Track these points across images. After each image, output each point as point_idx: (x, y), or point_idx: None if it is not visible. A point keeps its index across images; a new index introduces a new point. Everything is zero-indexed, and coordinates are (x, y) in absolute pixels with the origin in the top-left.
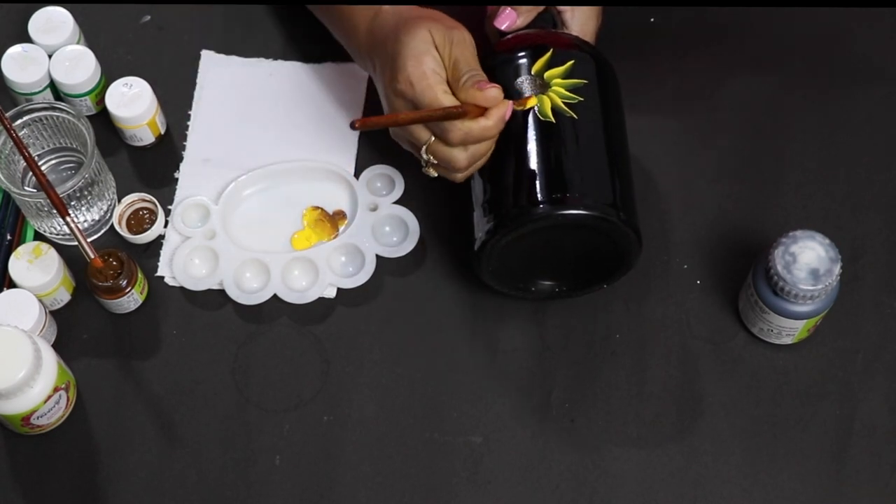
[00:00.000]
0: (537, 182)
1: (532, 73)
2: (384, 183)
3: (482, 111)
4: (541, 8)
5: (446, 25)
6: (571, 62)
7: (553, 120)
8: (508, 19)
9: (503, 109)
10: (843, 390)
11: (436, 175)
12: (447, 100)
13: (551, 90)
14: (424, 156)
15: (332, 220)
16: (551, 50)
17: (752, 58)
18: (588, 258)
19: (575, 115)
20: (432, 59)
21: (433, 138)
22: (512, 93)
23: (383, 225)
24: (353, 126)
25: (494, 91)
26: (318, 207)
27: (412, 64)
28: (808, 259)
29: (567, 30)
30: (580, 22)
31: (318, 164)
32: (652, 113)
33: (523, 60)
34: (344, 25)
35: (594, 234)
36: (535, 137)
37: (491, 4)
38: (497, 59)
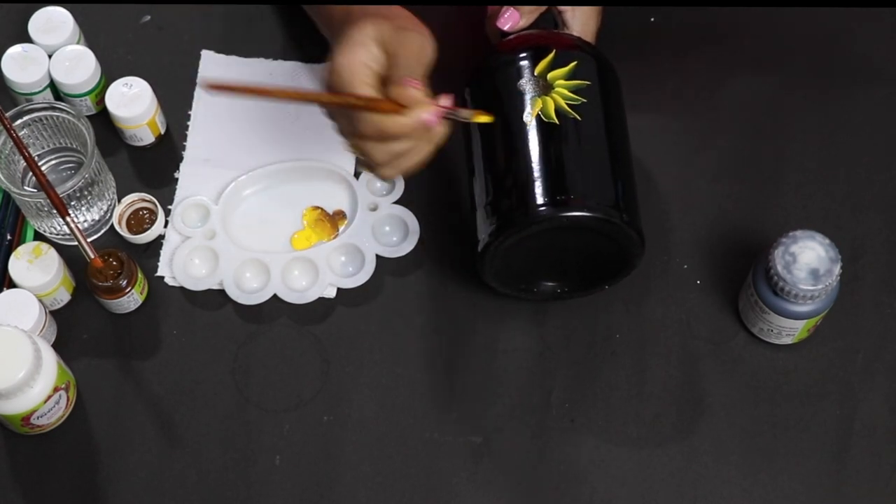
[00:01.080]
0: (541, 184)
1: (535, 74)
2: (384, 183)
3: (400, 108)
4: (543, 8)
5: (396, 24)
6: (574, 63)
7: (556, 121)
8: (511, 20)
9: (424, 111)
10: (843, 390)
11: (362, 170)
12: (365, 92)
13: (554, 91)
14: (347, 148)
15: (332, 220)
16: (554, 51)
17: (752, 58)
18: (591, 259)
19: (578, 117)
20: (367, 52)
21: (354, 130)
22: (513, 94)
23: (383, 225)
24: (208, 89)
25: (413, 91)
26: (317, 207)
27: (343, 53)
28: (808, 259)
29: (568, 30)
30: (581, 22)
31: (318, 164)
32: (652, 113)
33: (525, 62)
34: (331, 25)
35: (597, 236)
36: (538, 139)
37: (492, 4)
38: (499, 61)
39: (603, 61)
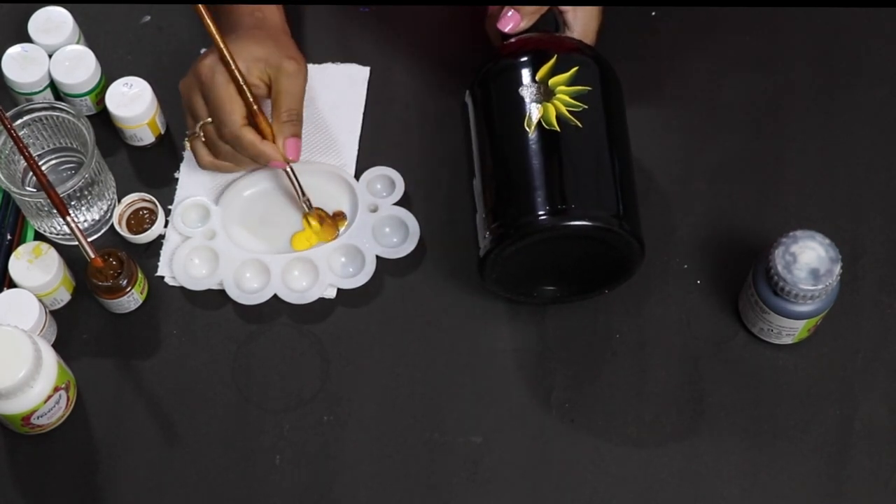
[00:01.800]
0: (542, 192)
1: (536, 80)
2: (384, 184)
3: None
4: (544, 9)
5: (284, 54)
6: (575, 68)
7: (558, 129)
8: (512, 21)
9: (276, 155)
10: (843, 390)
11: (186, 149)
12: (240, 118)
13: (556, 98)
14: (195, 128)
15: (333, 220)
16: (555, 56)
17: (752, 58)
18: (591, 266)
19: (580, 124)
20: (241, 64)
21: (209, 120)
22: (515, 100)
23: (383, 226)
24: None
25: (292, 145)
26: (318, 208)
27: (241, 64)
28: (808, 259)
29: (569, 30)
30: (582, 22)
31: (319, 166)
32: (652, 113)
33: (527, 67)
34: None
35: (597, 244)
36: (539, 147)
37: (492, 5)
38: (500, 65)
39: (604, 65)
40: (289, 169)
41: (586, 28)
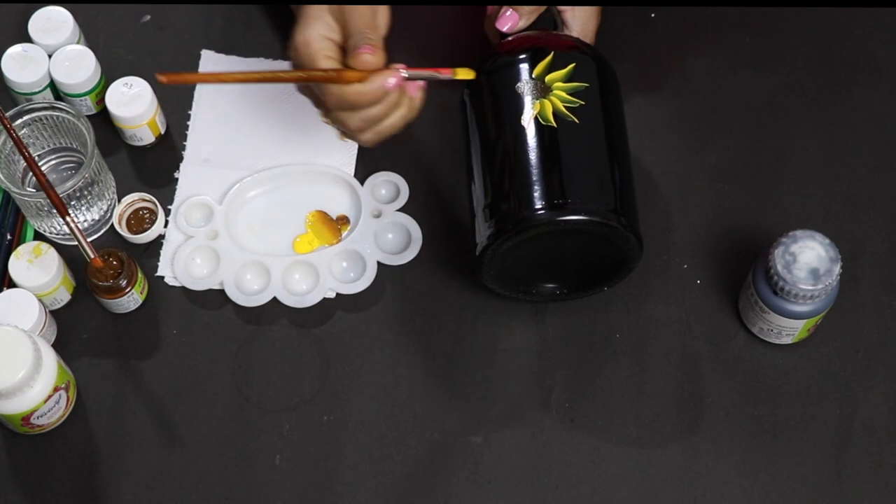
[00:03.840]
0: (539, 187)
1: (533, 76)
2: (389, 190)
3: (364, 75)
4: (542, 9)
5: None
6: (572, 65)
7: (555, 124)
8: (510, 21)
9: (383, 77)
10: (843, 390)
11: (343, 140)
12: (328, 65)
13: (553, 94)
14: (321, 117)
15: (335, 224)
16: (552, 53)
17: (752, 58)
18: (589, 262)
19: (576, 120)
20: (324, 24)
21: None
22: (512, 97)
23: (386, 232)
24: (160, 81)
25: (367, 56)
26: (321, 212)
27: (300, 30)
28: (808, 259)
29: (567, 29)
30: (581, 22)
31: (324, 169)
32: (652, 113)
33: (524, 64)
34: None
35: (595, 239)
36: (536, 142)
37: (491, 4)
38: (497, 62)
39: (602, 63)
40: (405, 72)
41: (584, 28)
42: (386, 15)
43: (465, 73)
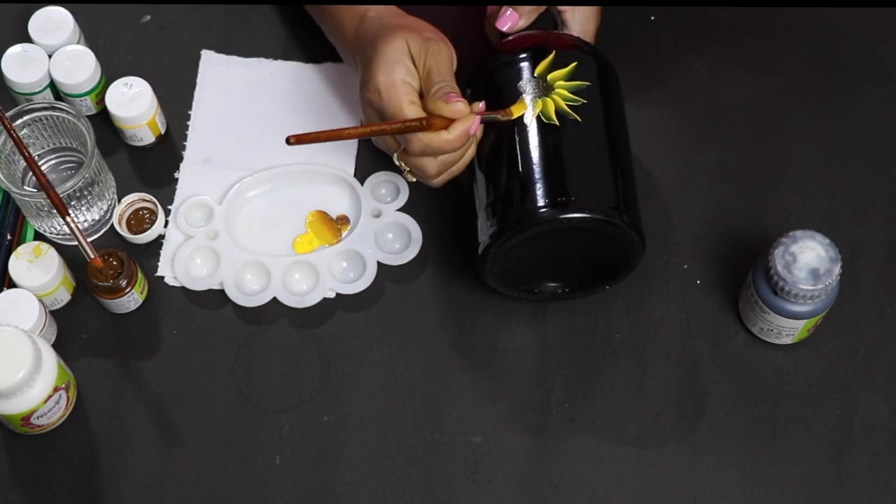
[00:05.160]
0: (541, 185)
1: (535, 75)
2: (389, 189)
3: (448, 123)
4: (542, 8)
5: (424, 36)
6: (574, 64)
7: (557, 123)
8: (510, 20)
9: (468, 123)
10: (843, 390)
11: (413, 180)
12: (412, 111)
13: (554, 93)
14: (396, 162)
15: (335, 224)
16: (554, 52)
17: (752, 58)
18: (591, 260)
19: (578, 118)
20: (404, 69)
21: (402, 147)
22: (514, 95)
23: (386, 232)
24: (288, 142)
25: (460, 105)
26: (321, 212)
27: (383, 73)
28: (808, 259)
29: (567, 29)
30: (580, 22)
31: (324, 168)
32: (652, 113)
33: (525, 63)
34: (335, 27)
35: (598, 237)
36: (538, 140)
37: (491, 4)
38: (498, 62)
39: (603, 62)
40: (482, 114)
41: (584, 28)
42: (455, 56)
43: (518, 110)
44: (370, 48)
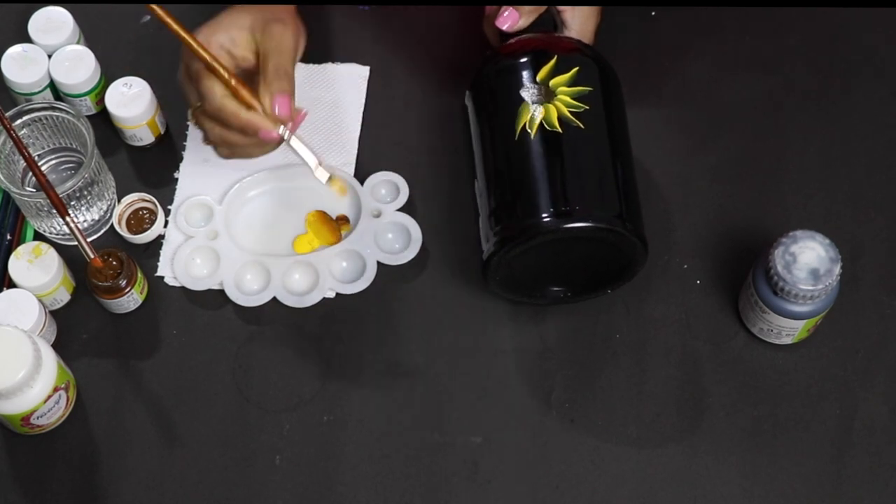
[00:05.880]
0: (545, 194)
1: (537, 81)
2: (389, 189)
3: (253, 105)
4: (542, 8)
5: (273, 17)
6: (576, 69)
7: (560, 130)
8: (510, 20)
9: (264, 126)
10: (843, 390)
11: (206, 145)
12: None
13: (557, 99)
14: (189, 119)
15: (335, 224)
16: (556, 56)
17: (752, 58)
18: (594, 266)
19: (581, 125)
20: (226, 35)
21: (199, 104)
22: (516, 101)
23: (386, 232)
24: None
25: (283, 112)
26: (321, 212)
27: (206, 31)
28: (808, 259)
29: (567, 29)
30: (580, 22)
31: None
32: (652, 113)
33: (527, 68)
34: None
35: (601, 245)
36: (542, 148)
37: (491, 4)
38: (500, 65)
39: (604, 65)
40: (287, 136)
41: (584, 28)
42: (299, 42)
43: (338, 186)
44: (223, 12)
